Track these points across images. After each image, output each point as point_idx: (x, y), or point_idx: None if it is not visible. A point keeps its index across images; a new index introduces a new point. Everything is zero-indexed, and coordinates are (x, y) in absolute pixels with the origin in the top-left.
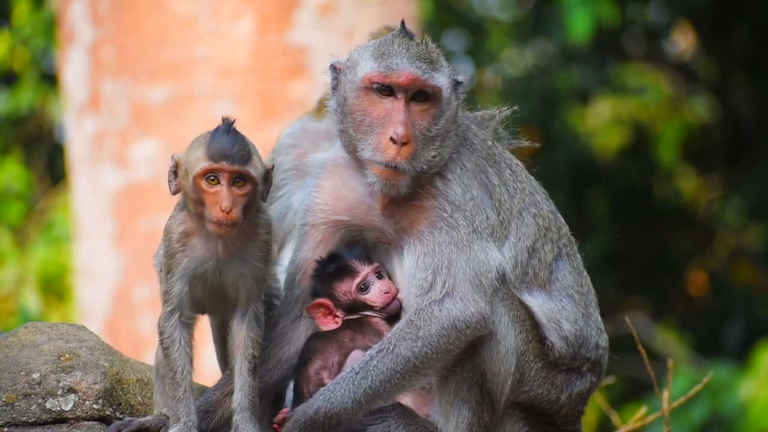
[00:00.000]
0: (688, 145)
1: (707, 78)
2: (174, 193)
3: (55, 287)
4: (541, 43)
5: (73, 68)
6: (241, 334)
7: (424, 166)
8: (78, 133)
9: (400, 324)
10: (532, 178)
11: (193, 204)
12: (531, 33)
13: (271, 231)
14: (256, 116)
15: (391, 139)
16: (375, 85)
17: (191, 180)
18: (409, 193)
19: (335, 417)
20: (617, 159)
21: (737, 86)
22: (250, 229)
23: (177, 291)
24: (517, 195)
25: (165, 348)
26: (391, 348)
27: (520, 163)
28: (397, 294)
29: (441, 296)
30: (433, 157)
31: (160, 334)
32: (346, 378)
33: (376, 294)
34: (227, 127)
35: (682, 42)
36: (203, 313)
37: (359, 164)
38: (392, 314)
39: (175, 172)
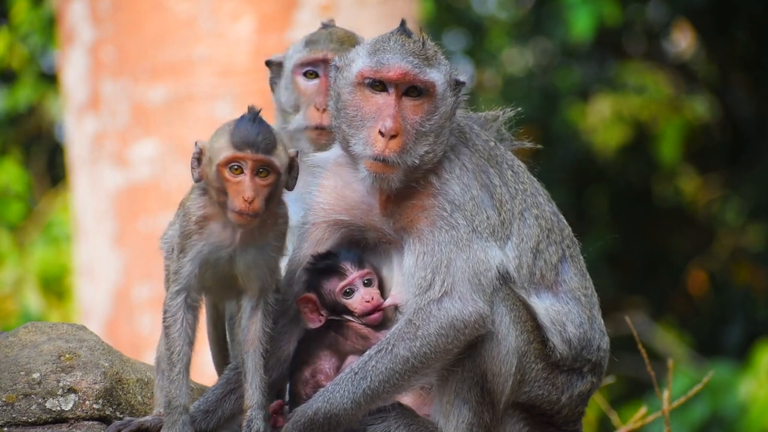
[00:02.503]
0: (688, 145)
1: (707, 77)
2: (197, 181)
3: (55, 287)
4: (541, 42)
5: (73, 68)
6: (254, 328)
7: (416, 161)
8: (78, 133)
9: (399, 324)
10: (534, 179)
11: (216, 192)
12: (531, 32)
13: (288, 222)
14: None
15: (380, 132)
16: (367, 80)
17: (215, 168)
18: (406, 191)
19: (335, 417)
20: (617, 157)
21: (737, 86)
22: (271, 219)
23: (187, 272)
24: (518, 196)
25: (166, 327)
26: (389, 348)
27: (522, 165)
28: (380, 305)
29: (440, 295)
30: (426, 152)
31: (164, 312)
32: (345, 378)
33: (357, 300)
34: (253, 115)
35: (682, 41)
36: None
37: (353, 160)
38: (372, 324)
39: (198, 159)
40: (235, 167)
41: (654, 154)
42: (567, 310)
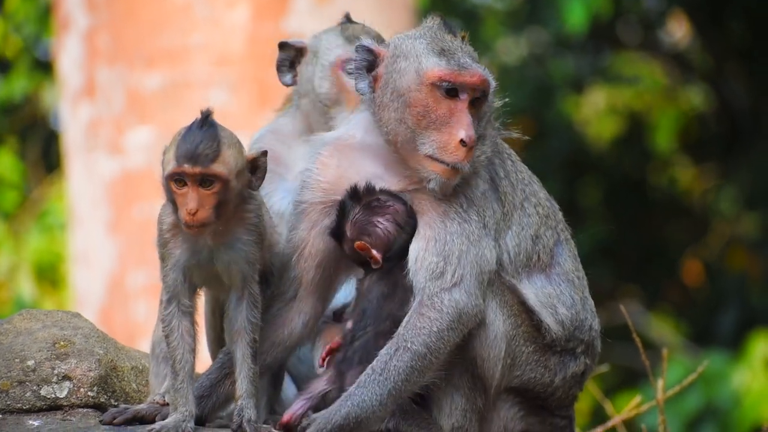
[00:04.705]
0: (683, 135)
1: (702, 68)
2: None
3: (49, 275)
4: (536, 32)
5: (68, 55)
6: (240, 318)
7: (472, 167)
8: (73, 120)
9: (411, 318)
10: (526, 166)
11: (169, 202)
12: (525, 21)
13: (261, 213)
14: (252, 104)
15: (462, 141)
16: (444, 84)
17: (164, 180)
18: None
19: (365, 421)
20: (612, 148)
21: (732, 76)
22: (234, 220)
23: (171, 280)
24: (518, 186)
25: (165, 336)
26: (407, 345)
27: (513, 152)
28: None
29: (450, 285)
30: (478, 156)
31: (161, 321)
32: (370, 381)
33: None
34: (201, 121)
35: (677, 31)
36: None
37: (405, 154)
38: None
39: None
40: (179, 180)
41: (648, 144)
42: (558, 292)
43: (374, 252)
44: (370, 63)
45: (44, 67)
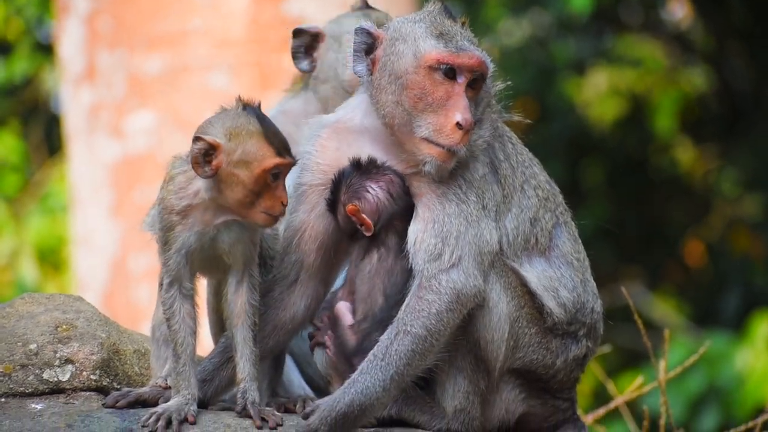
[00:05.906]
0: (684, 116)
1: (704, 49)
2: (208, 177)
3: (51, 258)
4: (538, 14)
5: (69, 39)
6: (240, 301)
7: (468, 151)
8: (74, 104)
9: (411, 301)
10: (526, 148)
11: (245, 193)
12: (528, 3)
13: None
14: (253, 87)
15: (458, 124)
16: (442, 66)
17: (256, 172)
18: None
19: (369, 408)
20: (613, 130)
21: (734, 57)
22: None
23: (174, 263)
24: (518, 168)
25: (167, 319)
26: (407, 329)
27: (514, 135)
28: None
29: (448, 266)
30: (475, 140)
31: (162, 304)
32: (372, 367)
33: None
34: (260, 110)
35: (679, 12)
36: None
37: (401, 137)
38: None
39: (205, 154)
40: (277, 174)
41: (650, 125)
42: (559, 275)
43: (364, 216)
44: (368, 46)
45: (45, 50)
